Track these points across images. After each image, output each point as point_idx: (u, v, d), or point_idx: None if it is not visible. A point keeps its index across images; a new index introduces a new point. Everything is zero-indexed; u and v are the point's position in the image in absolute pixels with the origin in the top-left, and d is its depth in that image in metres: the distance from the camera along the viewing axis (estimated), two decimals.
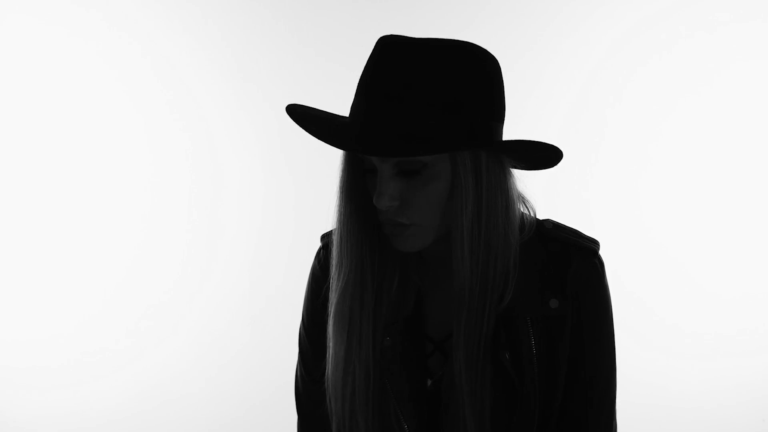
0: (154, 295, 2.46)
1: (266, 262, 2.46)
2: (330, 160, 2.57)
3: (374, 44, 0.93)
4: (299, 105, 0.96)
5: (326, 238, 1.12)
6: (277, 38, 2.42)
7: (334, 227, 1.00)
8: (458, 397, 0.96)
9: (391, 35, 0.93)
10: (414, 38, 0.92)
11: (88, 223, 2.43)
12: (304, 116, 0.93)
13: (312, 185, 2.43)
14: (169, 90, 2.42)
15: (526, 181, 1.01)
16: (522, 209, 1.01)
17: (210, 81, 2.43)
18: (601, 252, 1.05)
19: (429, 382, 1.01)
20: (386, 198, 0.90)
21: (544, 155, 0.96)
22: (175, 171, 2.44)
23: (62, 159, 2.41)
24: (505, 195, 0.95)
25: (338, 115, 0.97)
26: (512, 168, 0.97)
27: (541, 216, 1.05)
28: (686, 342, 2.36)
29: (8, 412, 2.43)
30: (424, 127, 0.88)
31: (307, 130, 0.91)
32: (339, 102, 1.19)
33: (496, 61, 0.94)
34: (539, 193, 1.04)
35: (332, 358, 1.01)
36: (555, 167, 1.03)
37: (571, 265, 1.00)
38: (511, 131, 1.03)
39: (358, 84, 0.92)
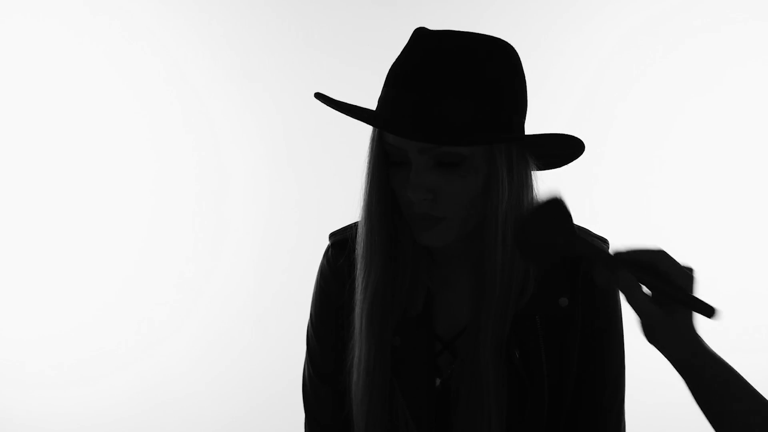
0: (158, 294, 2.46)
1: (271, 261, 2.46)
2: (333, 159, 2.56)
3: (410, 36, 0.93)
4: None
5: (336, 236, 1.11)
6: (282, 38, 2.42)
7: (361, 224, 0.98)
8: (477, 393, 0.95)
9: (425, 28, 0.93)
10: (450, 31, 0.91)
11: (93, 223, 2.43)
12: (348, 106, 0.92)
13: (316, 185, 2.42)
14: (174, 90, 2.42)
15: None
16: None
17: (215, 81, 2.43)
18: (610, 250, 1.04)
19: (438, 382, 1.01)
20: (423, 190, 0.89)
21: (564, 153, 0.97)
22: (180, 171, 2.45)
23: (67, 159, 2.41)
24: (529, 191, 0.95)
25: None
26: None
27: None
28: None
29: (9, 411, 2.44)
30: (472, 119, 0.87)
31: (357, 117, 0.89)
32: (343, 100, 1.19)
33: (519, 57, 0.95)
34: (545, 192, 1.04)
35: (362, 359, 0.99)
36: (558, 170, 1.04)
37: (582, 265, 1.00)
38: None
39: (396, 75, 0.91)
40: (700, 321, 0.80)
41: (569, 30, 2.37)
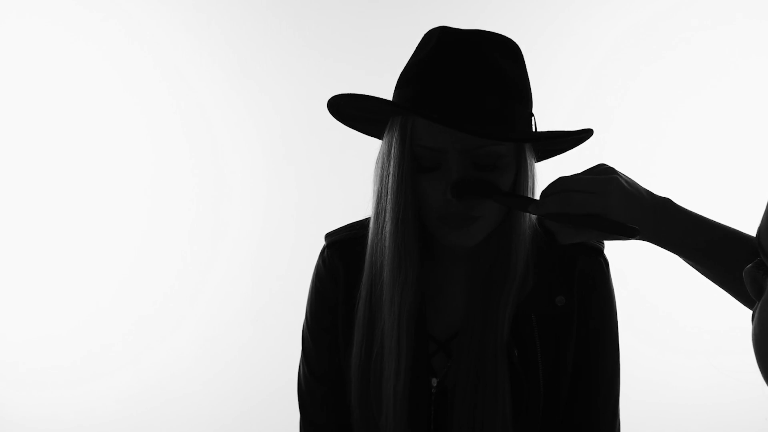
0: (156, 294, 2.45)
1: (268, 261, 2.46)
2: (330, 160, 2.55)
3: (435, 35, 0.92)
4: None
5: (331, 236, 1.11)
6: (279, 37, 2.41)
7: (389, 230, 0.95)
8: (481, 393, 0.96)
9: (448, 27, 0.93)
10: (474, 30, 0.92)
11: (91, 222, 2.43)
12: (393, 102, 0.92)
13: (314, 185, 2.42)
14: (171, 89, 2.42)
15: None
16: None
17: (212, 80, 2.42)
18: (605, 251, 1.05)
19: (434, 382, 1.01)
20: None
21: (557, 149, 0.99)
22: (177, 170, 2.44)
23: (65, 159, 2.41)
24: (535, 188, 0.97)
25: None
26: None
27: None
28: (690, 339, 2.36)
29: (9, 411, 2.43)
30: (512, 116, 0.89)
31: (415, 113, 0.87)
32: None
33: None
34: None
35: (392, 364, 0.97)
36: (559, 166, 1.04)
37: (577, 264, 1.01)
38: None
39: (428, 74, 0.89)
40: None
41: (566, 29, 2.37)
